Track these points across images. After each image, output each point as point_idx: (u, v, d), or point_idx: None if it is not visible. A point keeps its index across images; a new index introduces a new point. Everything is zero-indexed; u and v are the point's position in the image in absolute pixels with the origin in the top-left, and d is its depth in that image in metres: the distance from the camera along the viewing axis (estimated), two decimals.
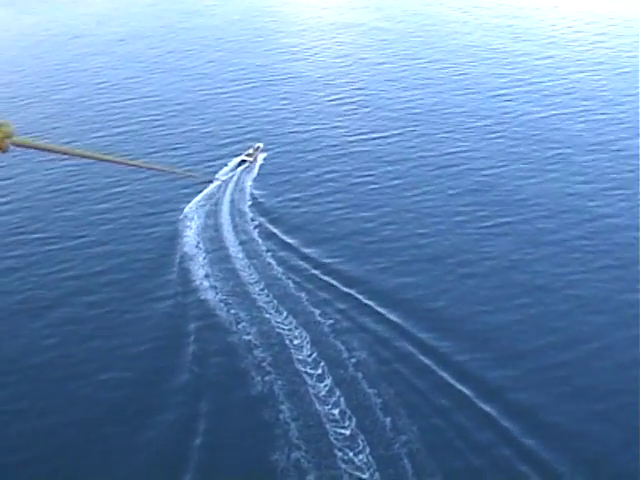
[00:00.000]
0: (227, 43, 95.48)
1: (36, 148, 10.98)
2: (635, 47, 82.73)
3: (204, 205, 50.22)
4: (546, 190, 49.05)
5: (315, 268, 41.54)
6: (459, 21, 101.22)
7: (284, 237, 45.36)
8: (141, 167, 51.36)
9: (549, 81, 71.89)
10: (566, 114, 62.74)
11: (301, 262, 42.27)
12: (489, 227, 44.96)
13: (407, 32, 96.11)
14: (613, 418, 30.65)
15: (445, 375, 33.09)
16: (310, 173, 54.63)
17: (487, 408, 31.22)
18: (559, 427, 30.33)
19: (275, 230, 46.30)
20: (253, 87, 76.14)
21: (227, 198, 51.19)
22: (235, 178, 54.76)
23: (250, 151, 58.61)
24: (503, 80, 72.90)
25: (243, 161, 57.29)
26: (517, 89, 69.87)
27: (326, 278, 40.39)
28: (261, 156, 58.44)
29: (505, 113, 63.57)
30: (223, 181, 54.04)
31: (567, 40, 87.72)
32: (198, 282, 40.61)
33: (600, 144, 56.03)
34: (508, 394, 32.01)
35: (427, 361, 33.94)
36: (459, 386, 32.44)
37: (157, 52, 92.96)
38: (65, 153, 13.64)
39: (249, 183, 53.61)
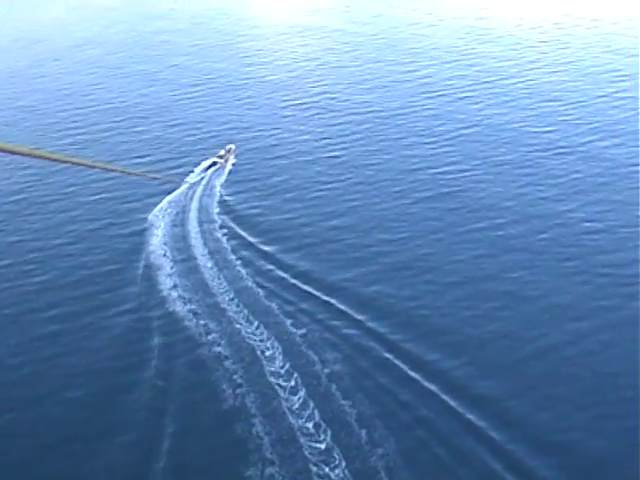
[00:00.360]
0: (190, 47, 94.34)
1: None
2: (605, 47, 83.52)
3: (171, 210, 49.05)
4: (517, 195, 48.75)
5: (286, 275, 40.57)
6: (425, 23, 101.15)
7: (254, 243, 44.39)
8: (107, 169, 50.20)
9: (517, 84, 71.90)
10: (534, 117, 62.70)
11: (272, 269, 41.28)
12: (461, 233, 44.40)
13: (372, 35, 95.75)
14: (599, 427, 30.19)
15: (424, 384, 32.38)
16: (279, 178, 53.78)
17: (470, 417, 30.56)
18: (543, 436, 29.79)
19: (244, 236, 45.31)
20: (218, 91, 75.16)
21: (195, 203, 50.10)
22: (204, 181, 53.71)
23: (222, 152, 57.48)
24: (470, 83, 72.82)
25: (214, 163, 56.10)
26: (484, 92, 69.83)
27: (298, 286, 39.41)
28: (232, 158, 57.38)
29: (473, 116, 63.35)
30: (192, 184, 52.94)
31: (534, 41, 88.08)
32: (165, 293, 39.36)
33: (570, 147, 55.94)
34: (490, 404, 31.31)
35: (404, 370, 33.19)
36: (438, 395, 31.71)
37: (119, 57, 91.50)
38: (29, 155, 13.03)
39: (218, 187, 52.60)
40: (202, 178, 54.20)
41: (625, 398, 31.09)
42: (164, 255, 43.19)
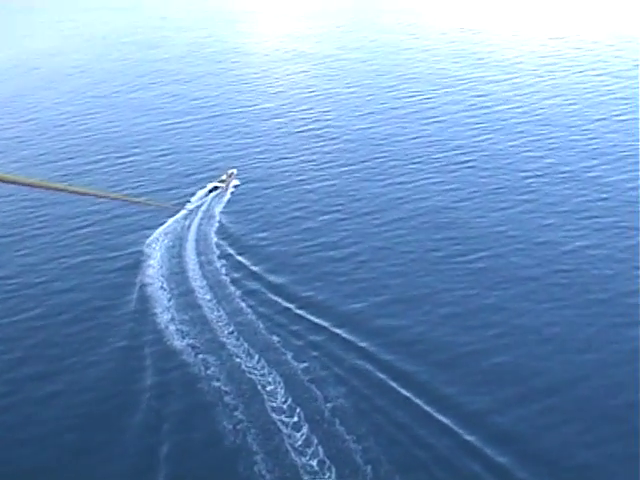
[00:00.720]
0: (183, 74, 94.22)
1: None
2: (604, 70, 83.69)
3: (170, 238, 48.30)
4: (519, 223, 48.19)
5: (287, 307, 39.77)
6: (419, 48, 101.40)
7: (254, 272, 43.65)
8: (105, 197, 49.34)
9: (513, 109, 71.69)
10: (535, 142, 62.33)
11: (272, 300, 40.47)
12: (463, 263, 43.53)
13: (366, 61, 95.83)
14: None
15: (435, 417, 31.53)
16: (277, 205, 53.30)
17: (488, 451, 29.64)
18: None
19: (244, 264, 44.59)
20: (213, 118, 74.83)
21: (193, 231, 49.40)
22: (204, 207, 53.12)
23: (223, 177, 57.18)
24: (466, 108, 72.61)
25: (215, 187, 55.75)
26: (480, 117, 69.55)
27: (299, 318, 38.61)
28: (234, 182, 56.82)
29: (473, 143, 62.96)
30: (191, 210, 52.33)
31: (532, 66, 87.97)
32: (162, 326, 38.53)
33: (571, 172, 55.56)
34: (509, 440, 30.32)
35: (411, 403, 32.35)
36: (452, 429, 30.84)
37: (115, 84, 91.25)
38: (27, 185, 13.24)
39: (218, 213, 52.07)
40: (202, 204, 53.69)
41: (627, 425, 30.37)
42: (161, 287, 42.36)
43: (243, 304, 40.11)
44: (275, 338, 36.85)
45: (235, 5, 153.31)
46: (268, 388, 33.28)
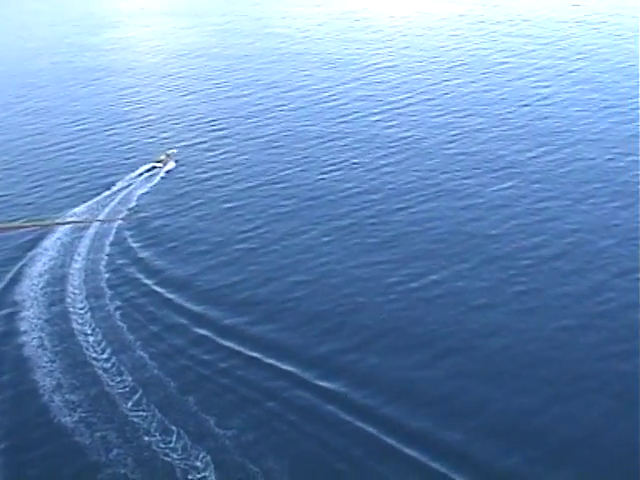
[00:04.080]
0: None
1: None
2: (596, 57, 79.54)
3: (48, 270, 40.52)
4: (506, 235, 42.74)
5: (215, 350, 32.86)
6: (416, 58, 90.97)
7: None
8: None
9: (512, 112, 64.74)
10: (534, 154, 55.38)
11: (191, 343, 33.38)
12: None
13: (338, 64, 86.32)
14: None
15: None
16: (207, 195, 50.58)
17: None
18: None
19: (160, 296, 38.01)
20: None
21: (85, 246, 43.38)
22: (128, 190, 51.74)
23: (162, 157, 56.12)
24: (455, 117, 64.37)
25: (153, 167, 54.90)
26: (463, 124, 62.43)
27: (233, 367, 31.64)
28: (171, 164, 55.59)
29: (453, 148, 56.90)
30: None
31: (530, 68, 79.24)
32: (46, 397, 30.37)
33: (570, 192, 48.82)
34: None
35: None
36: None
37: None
38: None
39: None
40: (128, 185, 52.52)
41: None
42: (39, 346, 33.94)
43: (149, 359, 32.34)
44: (191, 400, 29.40)
45: None
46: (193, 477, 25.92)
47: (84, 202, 49.72)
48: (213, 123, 66.09)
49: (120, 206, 48.95)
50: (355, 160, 54.83)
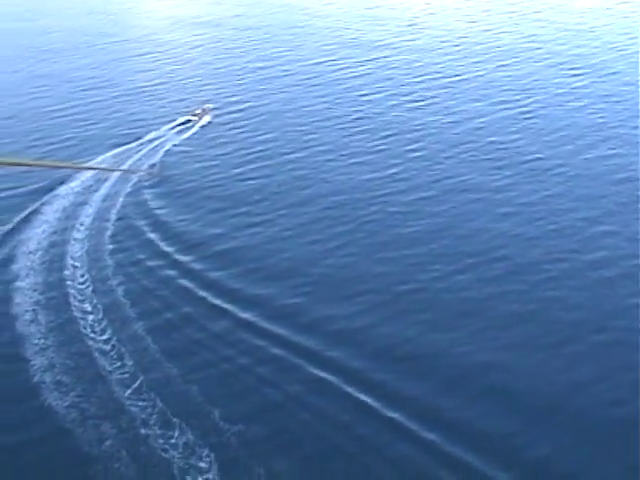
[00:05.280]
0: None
1: None
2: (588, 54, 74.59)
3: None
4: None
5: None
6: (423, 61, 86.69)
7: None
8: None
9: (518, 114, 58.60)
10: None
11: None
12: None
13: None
14: None
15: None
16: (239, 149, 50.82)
17: None
18: None
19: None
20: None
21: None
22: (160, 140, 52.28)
23: (197, 111, 56.55)
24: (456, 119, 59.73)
25: (188, 120, 55.37)
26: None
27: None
28: (206, 118, 55.74)
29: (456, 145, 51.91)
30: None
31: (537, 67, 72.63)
32: (38, 378, 27.93)
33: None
34: None
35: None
36: None
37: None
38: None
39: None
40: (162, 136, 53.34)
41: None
42: (32, 321, 31.52)
43: (156, 349, 29.79)
44: (195, 391, 26.96)
45: None
46: None
47: (116, 148, 50.96)
48: (252, 88, 65.38)
49: (150, 156, 49.72)
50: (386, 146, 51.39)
